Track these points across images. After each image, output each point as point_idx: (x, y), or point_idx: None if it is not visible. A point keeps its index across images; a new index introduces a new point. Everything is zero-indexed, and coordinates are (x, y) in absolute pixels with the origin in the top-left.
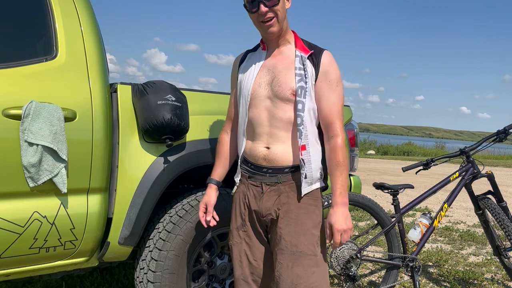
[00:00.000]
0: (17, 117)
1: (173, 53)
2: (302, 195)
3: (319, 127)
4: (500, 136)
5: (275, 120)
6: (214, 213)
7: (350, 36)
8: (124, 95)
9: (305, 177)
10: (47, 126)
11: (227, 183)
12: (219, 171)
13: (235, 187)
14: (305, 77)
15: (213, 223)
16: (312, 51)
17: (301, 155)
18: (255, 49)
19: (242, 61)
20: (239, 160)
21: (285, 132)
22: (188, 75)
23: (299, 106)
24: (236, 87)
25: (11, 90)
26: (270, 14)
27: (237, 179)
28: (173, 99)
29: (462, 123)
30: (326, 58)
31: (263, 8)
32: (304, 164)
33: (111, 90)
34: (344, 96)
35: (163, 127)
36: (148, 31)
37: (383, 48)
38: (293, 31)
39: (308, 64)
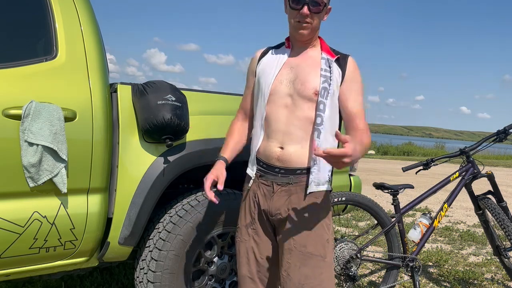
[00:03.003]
0: (17, 117)
1: (172, 53)
2: (308, 193)
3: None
4: (500, 136)
5: (293, 118)
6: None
7: (350, 35)
8: (124, 95)
9: (313, 176)
10: (47, 126)
11: (228, 184)
12: (227, 151)
13: (251, 181)
14: (330, 79)
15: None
16: (339, 55)
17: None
18: (277, 46)
19: (263, 56)
20: (251, 155)
21: (301, 132)
22: (188, 75)
23: (321, 106)
24: (253, 80)
25: (11, 90)
26: (309, 19)
27: (251, 172)
28: (173, 99)
29: (462, 123)
30: (352, 63)
31: (306, 10)
32: (316, 163)
33: (111, 90)
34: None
35: (163, 127)
36: (148, 31)
37: (383, 48)
38: (319, 37)
39: (335, 67)
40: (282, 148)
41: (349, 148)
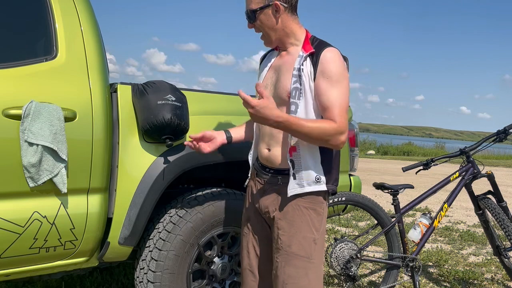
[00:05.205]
0: (17, 117)
1: (172, 53)
2: (288, 195)
3: None
4: (500, 136)
5: None
6: (204, 143)
7: (349, 35)
8: (124, 95)
9: (294, 178)
10: (47, 126)
11: (230, 185)
12: (234, 131)
13: (247, 180)
14: (300, 78)
15: (195, 146)
16: (313, 50)
17: (290, 156)
18: (273, 49)
19: (262, 60)
20: (251, 156)
21: (283, 134)
22: (188, 75)
23: (292, 108)
24: None
25: (11, 90)
26: (257, 30)
27: (250, 170)
28: (173, 99)
29: (462, 123)
30: (325, 55)
31: (248, 25)
32: (294, 165)
33: (111, 90)
34: (347, 92)
35: (163, 127)
36: (147, 31)
37: (383, 48)
38: (306, 30)
39: (307, 63)
40: (269, 149)
41: (255, 102)
